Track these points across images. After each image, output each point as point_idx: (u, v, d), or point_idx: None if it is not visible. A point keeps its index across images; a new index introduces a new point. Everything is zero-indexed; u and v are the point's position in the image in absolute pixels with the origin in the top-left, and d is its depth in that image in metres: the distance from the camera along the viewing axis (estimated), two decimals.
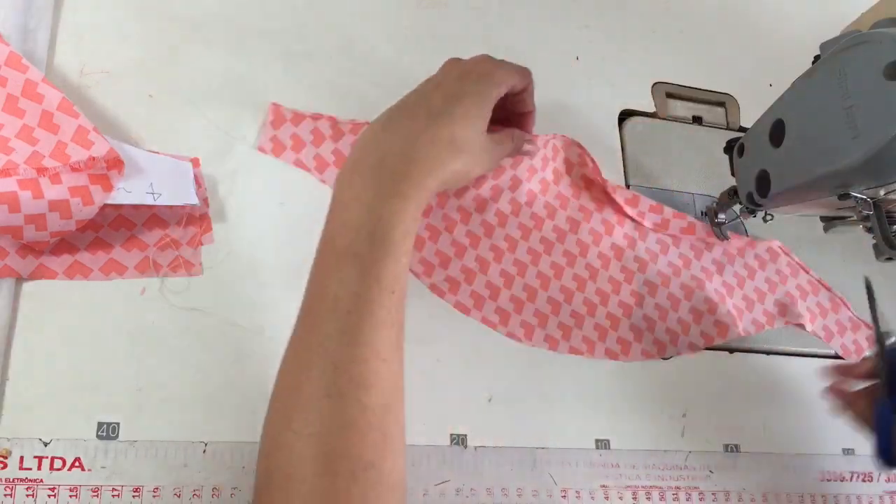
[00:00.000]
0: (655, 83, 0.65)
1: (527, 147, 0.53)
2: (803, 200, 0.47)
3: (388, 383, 0.38)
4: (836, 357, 0.61)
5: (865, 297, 0.50)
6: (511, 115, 0.51)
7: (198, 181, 0.48)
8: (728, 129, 0.66)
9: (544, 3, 0.64)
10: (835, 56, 0.43)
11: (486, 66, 0.47)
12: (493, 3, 0.62)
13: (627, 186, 0.61)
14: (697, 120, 0.66)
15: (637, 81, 0.65)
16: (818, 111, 0.44)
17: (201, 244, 0.48)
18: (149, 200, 0.45)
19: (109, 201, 0.44)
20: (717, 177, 0.59)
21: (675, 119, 0.65)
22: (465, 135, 0.44)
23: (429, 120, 0.43)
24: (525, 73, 0.48)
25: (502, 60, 0.48)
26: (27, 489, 0.40)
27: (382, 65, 0.57)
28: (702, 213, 0.62)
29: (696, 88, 0.66)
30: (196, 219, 0.48)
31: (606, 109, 0.63)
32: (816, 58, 0.46)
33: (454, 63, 0.48)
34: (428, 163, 0.43)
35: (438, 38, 0.60)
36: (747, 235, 0.62)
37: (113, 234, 0.46)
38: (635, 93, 0.64)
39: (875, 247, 0.47)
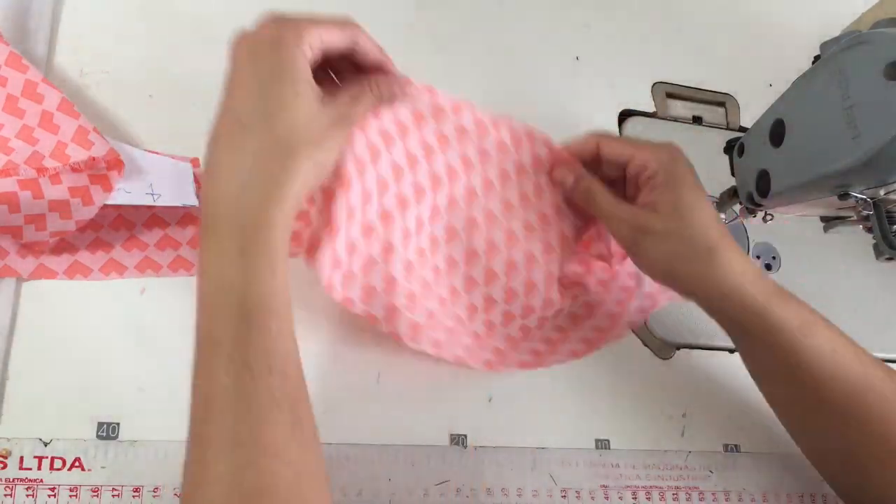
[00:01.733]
0: (655, 83, 0.65)
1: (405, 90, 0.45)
2: (803, 200, 0.47)
3: (286, 480, 0.34)
4: None
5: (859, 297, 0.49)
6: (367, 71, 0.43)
7: (198, 181, 0.48)
8: (728, 129, 0.66)
9: (544, 3, 0.64)
10: (835, 56, 0.43)
11: (271, 30, 0.38)
12: (493, 3, 0.62)
13: None
14: (697, 120, 0.66)
15: (637, 81, 0.65)
16: (818, 111, 0.44)
17: None
18: (148, 201, 0.45)
19: (109, 201, 0.44)
20: (717, 177, 0.58)
21: (675, 119, 0.65)
22: (294, 125, 0.37)
23: (244, 137, 0.37)
24: (341, 24, 0.40)
25: (302, 14, 0.39)
26: (27, 489, 0.40)
27: None
28: None
29: (696, 88, 0.66)
30: (196, 219, 0.48)
31: (606, 109, 0.63)
32: (816, 58, 0.46)
33: (240, 42, 0.39)
34: (266, 196, 0.36)
35: (438, 38, 0.59)
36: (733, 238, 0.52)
37: (113, 234, 0.46)
38: (635, 93, 0.64)
39: (875, 247, 0.47)
